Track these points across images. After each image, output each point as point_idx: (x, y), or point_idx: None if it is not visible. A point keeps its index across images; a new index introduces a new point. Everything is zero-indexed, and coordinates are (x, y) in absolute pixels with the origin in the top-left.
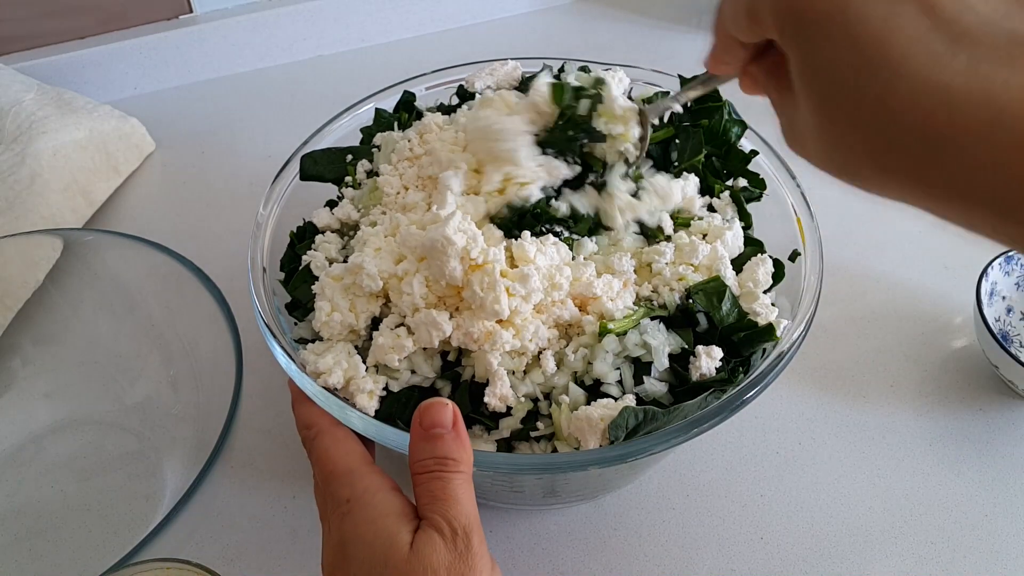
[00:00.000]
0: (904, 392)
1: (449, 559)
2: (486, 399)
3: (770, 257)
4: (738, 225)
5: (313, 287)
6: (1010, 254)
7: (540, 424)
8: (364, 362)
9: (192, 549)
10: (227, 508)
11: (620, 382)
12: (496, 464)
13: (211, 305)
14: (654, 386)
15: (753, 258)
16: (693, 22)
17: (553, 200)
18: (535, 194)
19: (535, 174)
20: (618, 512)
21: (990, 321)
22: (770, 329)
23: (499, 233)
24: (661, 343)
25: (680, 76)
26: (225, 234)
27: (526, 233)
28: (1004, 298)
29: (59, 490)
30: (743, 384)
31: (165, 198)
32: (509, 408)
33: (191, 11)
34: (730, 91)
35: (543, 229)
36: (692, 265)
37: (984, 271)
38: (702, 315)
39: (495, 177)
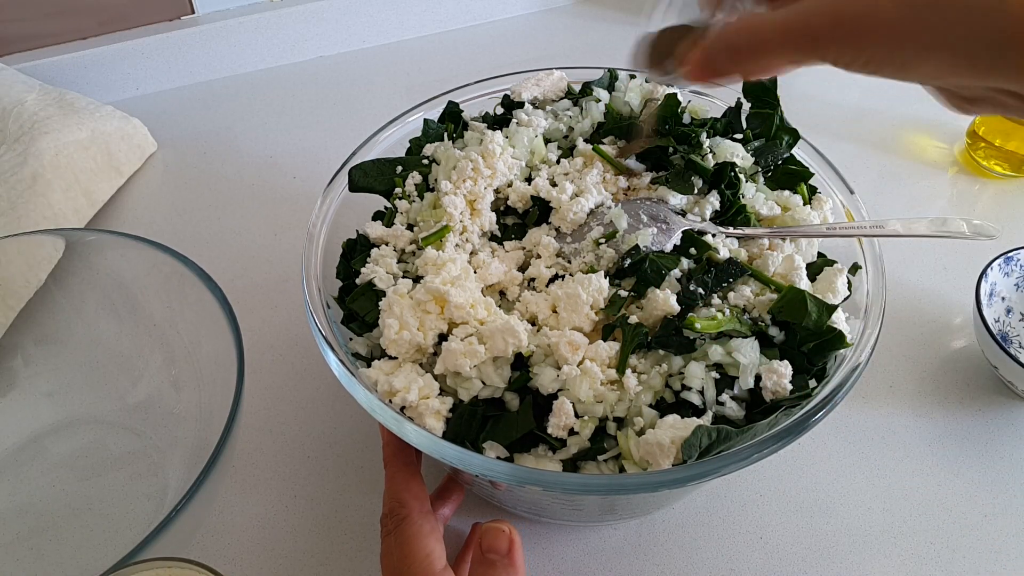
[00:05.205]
0: (903, 393)
1: None
2: (549, 429)
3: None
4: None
5: (380, 304)
6: (1009, 255)
7: (606, 445)
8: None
9: (194, 548)
10: (229, 507)
11: (701, 392)
12: (566, 485)
13: (213, 305)
14: (732, 409)
15: (829, 268)
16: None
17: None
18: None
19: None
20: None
21: (989, 322)
22: (841, 336)
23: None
24: (752, 362)
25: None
26: (227, 234)
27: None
28: (1003, 299)
29: (61, 489)
30: (814, 403)
31: (167, 198)
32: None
33: (193, 12)
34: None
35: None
36: (768, 280)
37: (983, 272)
38: (776, 328)
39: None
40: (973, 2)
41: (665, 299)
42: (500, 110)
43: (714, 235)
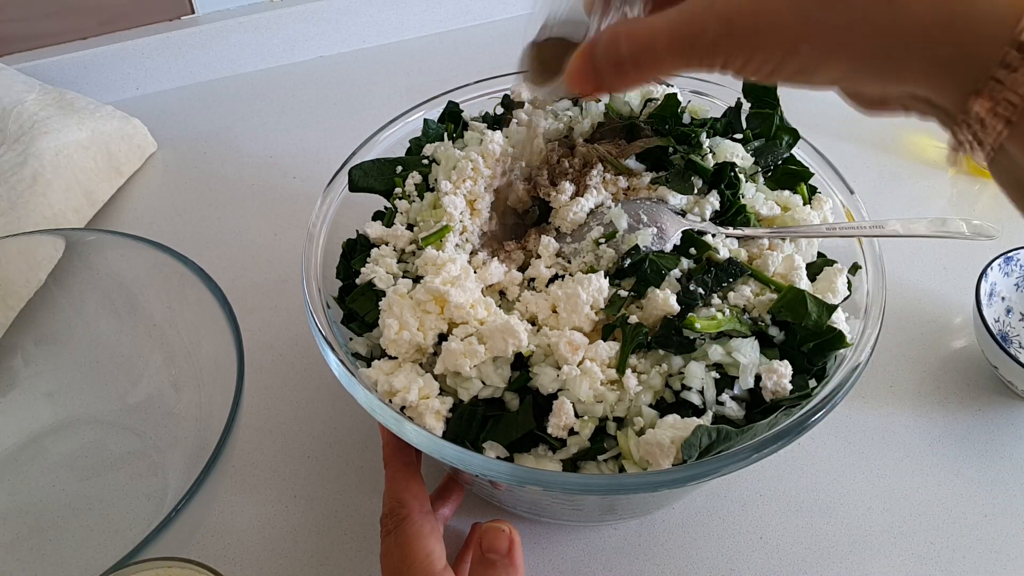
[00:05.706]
0: (903, 393)
1: None
2: (549, 429)
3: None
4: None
5: (380, 304)
6: (1009, 255)
7: (606, 445)
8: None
9: (194, 548)
10: (229, 507)
11: (701, 392)
12: (566, 485)
13: (213, 305)
14: (732, 409)
15: (829, 268)
16: None
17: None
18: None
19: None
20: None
21: (989, 322)
22: (841, 336)
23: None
24: (752, 362)
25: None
26: (227, 234)
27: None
28: (1003, 299)
29: (61, 489)
30: (814, 403)
31: (167, 198)
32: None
33: (193, 12)
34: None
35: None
36: (768, 280)
37: (983, 272)
38: (776, 328)
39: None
40: (866, 3)
41: (665, 299)
42: (500, 110)
43: (714, 235)
